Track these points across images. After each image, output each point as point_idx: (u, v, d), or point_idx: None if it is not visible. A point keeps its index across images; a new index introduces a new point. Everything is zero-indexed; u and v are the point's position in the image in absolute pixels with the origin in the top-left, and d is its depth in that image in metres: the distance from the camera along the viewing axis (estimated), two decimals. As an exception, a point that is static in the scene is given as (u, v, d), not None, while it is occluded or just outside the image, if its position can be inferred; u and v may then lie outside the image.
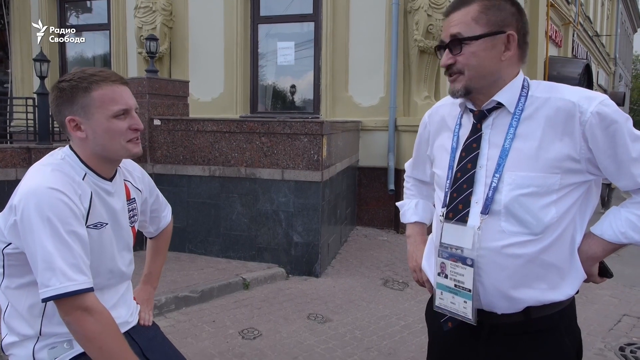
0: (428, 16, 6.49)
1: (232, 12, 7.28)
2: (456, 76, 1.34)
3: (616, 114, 1.25)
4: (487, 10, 1.30)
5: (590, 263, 1.35)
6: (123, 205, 1.52)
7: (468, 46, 1.29)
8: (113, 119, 1.37)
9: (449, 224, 1.37)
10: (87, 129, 1.37)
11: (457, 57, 1.32)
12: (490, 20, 1.30)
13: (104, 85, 1.37)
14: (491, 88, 1.34)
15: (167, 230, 1.86)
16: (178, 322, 3.77)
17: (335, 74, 7.00)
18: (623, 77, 28.27)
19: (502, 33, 1.30)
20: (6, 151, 4.49)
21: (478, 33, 1.29)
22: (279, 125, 4.91)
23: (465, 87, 1.33)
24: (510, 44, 1.31)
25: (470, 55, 1.30)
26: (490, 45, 1.30)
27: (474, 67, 1.31)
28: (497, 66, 1.32)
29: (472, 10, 1.30)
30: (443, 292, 1.39)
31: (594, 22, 18.72)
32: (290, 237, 4.94)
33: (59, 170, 1.34)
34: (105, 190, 1.45)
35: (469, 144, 1.37)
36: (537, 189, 1.27)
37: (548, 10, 11.30)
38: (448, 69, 1.34)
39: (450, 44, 1.32)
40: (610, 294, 4.62)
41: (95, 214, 1.39)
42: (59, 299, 1.25)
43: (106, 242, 1.43)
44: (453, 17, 1.33)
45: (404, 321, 3.91)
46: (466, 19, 1.30)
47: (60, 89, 1.38)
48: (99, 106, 1.36)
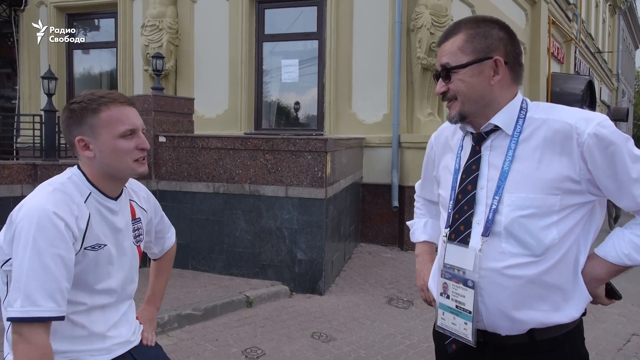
0: (431, 34, 6.55)
1: (237, 30, 7.37)
2: (452, 102, 1.38)
3: (614, 135, 1.25)
4: (472, 39, 1.34)
5: (595, 285, 1.34)
6: (127, 224, 1.54)
7: (456, 74, 1.34)
8: (119, 139, 1.41)
9: (452, 245, 1.38)
10: (94, 148, 1.41)
11: (448, 85, 1.37)
12: (476, 48, 1.33)
13: (112, 107, 1.41)
14: (486, 111, 1.36)
15: (171, 251, 1.87)
16: (181, 340, 3.74)
17: (339, 91, 7.05)
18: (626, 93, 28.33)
19: (489, 59, 1.32)
20: (12, 167, 4.52)
21: (464, 62, 1.33)
22: (283, 142, 4.93)
23: (459, 112, 1.37)
24: (498, 68, 1.33)
25: (459, 83, 1.34)
26: (477, 72, 1.33)
27: (464, 93, 1.35)
28: (487, 90, 1.34)
29: (458, 39, 1.35)
30: (445, 312, 1.40)
31: (595, 38, 18.84)
32: (294, 254, 4.93)
33: (60, 191, 1.37)
34: (109, 209, 1.47)
35: (468, 165, 1.39)
36: (536, 210, 1.27)
37: (550, 27, 11.39)
38: (443, 96, 1.40)
39: (441, 73, 1.38)
40: (619, 312, 4.56)
41: (92, 236, 1.40)
42: (18, 322, 1.25)
43: (103, 262, 1.44)
44: (443, 48, 1.38)
45: (409, 340, 3.86)
46: (453, 49, 1.35)
47: (70, 110, 1.42)
48: (106, 126, 1.40)
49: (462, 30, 1.35)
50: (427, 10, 6.56)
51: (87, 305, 1.42)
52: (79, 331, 1.41)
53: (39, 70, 8.48)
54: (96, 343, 1.45)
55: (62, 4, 8.52)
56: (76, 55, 8.89)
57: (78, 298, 1.40)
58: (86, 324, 1.42)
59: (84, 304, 1.42)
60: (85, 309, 1.42)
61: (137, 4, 8.14)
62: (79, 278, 1.38)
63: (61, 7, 8.57)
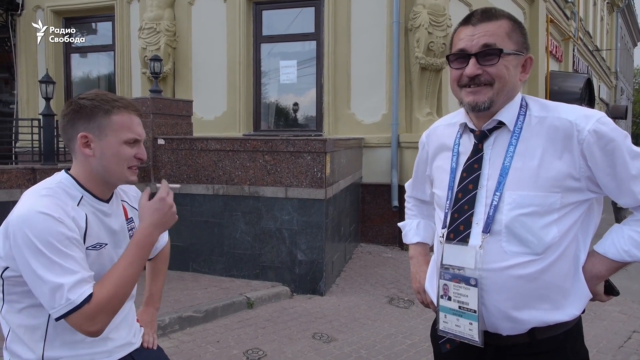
0: (429, 34, 6.55)
1: (235, 32, 7.37)
2: (481, 88, 1.30)
3: (614, 132, 1.25)
4: (515, 29, 1.32)
5: (595, 282, 1.33)
6: (122, 226, 1.54)
7: (503, 59, 1.28)
8: (124, 145, 1.43)
9: (450, 245, 1.36)
10: (96, 148, 1.41)
11: (486, 68, 1.28)
12: (518, 40, 1.32)
13: (124, 112, 1.43)
14: (503, 104, 1.33)
15: (165, 250, 1.86)
16: (182, 342, 3.74)
17: (338, 91, 7.05)
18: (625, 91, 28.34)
19: (523, 55, 1.32)
20: (11, 172, 4.52)
21: (512, 48, 1.29)
22: (282, 143, 4.93)
23: (491, 99, 1.29)
24: (526, 67, 1.33)
25: (503, 68, 1.28)
26: (516, 63, 1.31)
27: (505, 81, 1.29)
28: (516, 84, 1.33)
29: (505, 24, 1.30)
30: (447, 315, 1.36)
31: (593, 36, 18.85)
32: (294, 255, 4.92)
33: (50, 195, 1.36)
34: (102, 212, 1.47)
35: (470, 164, 1.37)
36: (537, 208, 1.26)
37: (548, 25, 11.40)
38: (473, 79, 1.30)
39: (482, 54, 1.28)
40: (619, 310, 4.56)
41: (92, 235, 1.41)
42: (68, 315, 1.26)
43: (105, 262, 1.44)
44: (483, 27, 1.29)
45: (410, 340, 3.86)
46: (500, 32, 1.29)
47: (80, 105, 1.42)
48: (115, 130, 1.41)
49: (504, 17, 1.31)
50: (425, 10, 6.56)
51: None
52: (80, 335, 1.40)
53: (37, 74, 8.47)
54: (97, 346, 1.44)
55: (59, 7, 8.53)
56: (74, 59, 8.90)
57: None
58: None
59: None
60: None
61: (134, 7, 8.14)
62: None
63: (58, 11, 8.57)
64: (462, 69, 1.31)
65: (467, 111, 1.38)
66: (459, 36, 1.34)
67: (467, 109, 1.37)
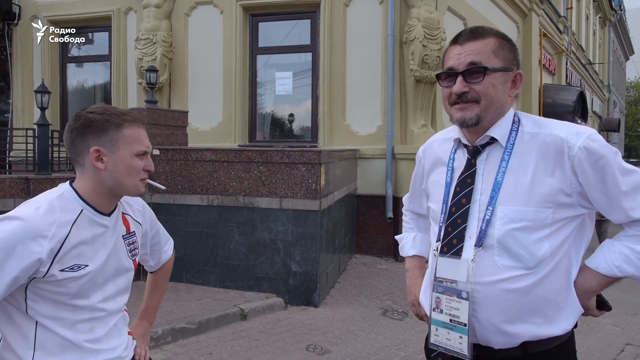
0: (423, 47, 6.62)
1: (231, 43, 7.42)
2: (469, 105, 1.33)
3: (604, 148, 1.27)
4: (503, 47, 1.34)
5: (587, 296, 1.34)
6: (119, 240, 1.53)
7: (489, 76, 1.31)
8: (135, 157, 1.45)
9: (444, 258, 1.37)
10: (108, 161, 1.42)
11: (473, 86, 1.31)
12: (506, 57, 1.34)
13: (134, 126, 1.46)
14: (493, 121, 1.36)
15: (168, 265, 1.86)
16: (175, 354, 3.71)
17: (333, 103, 7.09)
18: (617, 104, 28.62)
19: (512, 71, 1.34)
20: (5, 181, 4.50)
21: (498, 66, 1.32)
22: (277, 154, 4.94)
23: (478, 116, 1.32)
24: (516, 83, 1.35)
25: (489, 86, 1.31)
26: (504, 80, 1.33)
27: (491, 98, 1.32)
28: (505, 101, 1.35)
29: (492, 42, 1.33)
30: (438, 328, 1.37)
31: (586, 50, 19.08)
32: (289, 266, 4.91)
33: (42, 207, 1.36)
34: (102, 225, 1.47)
35: (463, 179, 1.39)
36: (529, 223, 1.27)
37: (541, 39, 11.54)
38: (460, 97, 1.33)
39: (468, 72, 1.31)
40: (612, 322, 4.57)
41: (69, 256, 1.38)
42: None
43: (85, 281, 1.42)
44: (470, 46, 1.33)
45: (403, 352, 3.85)
46: (486, 50, 1.32)
47: (90, 120, 1.42)
48: (127, 143, 1.43)
49: (491, 35, 1.34)
50: (420, 23, 6.64)
51: (70, 320, 1.41)
52: (69, 344, 1.40)
53: (33, 83, 8.48)
54: (88, 356, 1.44)
55: (56, 17, 8.55)
56: (70, 68, 8.91)
57: (59, 314, 1.39)
58: (72, 338, 1.41)
59: (67, 319, 1.41)
60: (71, 323, 1.41)
61: (131, 17, 8.18)
62: (57, 296, 1.38)
63: (55, 21, 8.59)
64: (451, 87, 1.35)
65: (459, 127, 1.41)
66: (449, 55, 1.38)
67: (457, 125, 1.40)
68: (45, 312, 1.38)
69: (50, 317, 1.38)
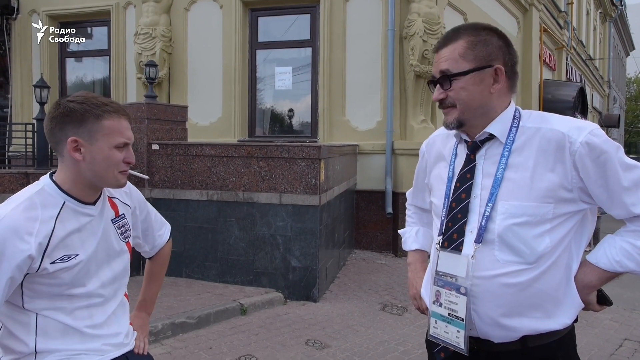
0: (423, 42, 6.60)
1: (231, 38, 7.40)
2: (449, 109, 1.37)
3: (606, 144, 1.26)
4: (473, 46, 1.32)
5: (587, 291, 1.35)
6: (107, 224, 1.52)
7: (457, 81, 1.32)
8: (114, 149, 1.41)
9: (445, 253, 1.38)
10: (86, 152, 1.39)
11: (447, 92, 1.35)
12: (477, 55, 1.32)
13: (114, 117, 1.41)
14: (483, 119, 1.36)
15: (165, 251, 1.82)
16: (174, 349, 3.72)
17: (333, 98, 7.08)
18: (617, 100, 28.60)
19: (490, 67, 1.32)
20: (4, 176, 4.50)
21: (466, 69, 1.32)
22: (276, 150, 4.94)
23: (457, 119, 1.36)
24: (498, 77, 1.33)
25: (460, 90, 1.33)
26: (478, 80, 1.32)
27: (464, 101, 1.33)
28: (487, 99, 1.34)
29: (459, 46, 1.33)
30: (437, 320, 1.39)
31: (586, 46, 19.04)
32: (288, 261, 4.92)
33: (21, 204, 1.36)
34: (87, 214, 1.46)
35: (463, 174, 1.40)
36: (530, 219, 1.28)
37: (541, 35, 11.51)
38: (441, 103, 1.38)
39: (440, 80, 1.35)
40: (611, 317, 4.58)
41: (58, 248, 1.38)
42: None
43: (78, 270, 1.42)
44: (442, 54, 1.36)
45: (403, 347, 3.86)
46: (454, 55, 1.33)
47: (69, 109, 1.39)
48: (105, 134, 1.40)
49: (462, 37, 1.34)
50: (420, 18, 6.62)
51: (69, 308, 1.42)
52: (70, 329, 1.42)
53: (32, 78, 8.46)
54: (88, 342, 1.45)
55: (54, 12, 8.52)
56: (69, 63, 8.88)
57: (57, 304, 1.40)
58: (72, 324, 1.42)
59: (65, 308, 1.42)
60: (69, 311, 1.42)
61: (130, 12, 8.15)
62: (52, 288, 1.38)
63: (54, 15, 8.57)
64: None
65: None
66: (433, 63, 1.42)
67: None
68: (42, 305, 1.39)
69: (49, 308, 1.39)
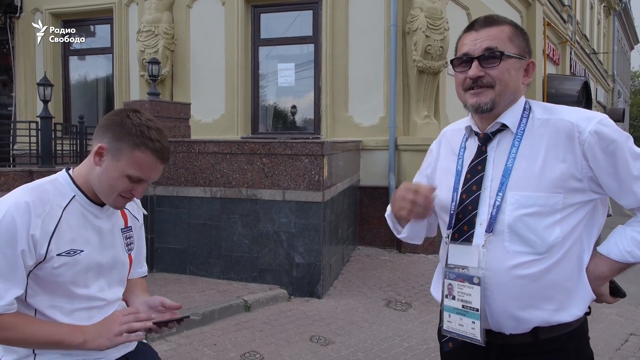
0: (426, 37, 6.57)
1: (233, 35, 7.38)
2: (483, 90, 1.33)
3: (615, 133, 1.26)
4: (517, 34, 1.35)
5: (599, 283, 1.35)
6: (113, 228, 1.54)
7: (505, 62, 1.31)
8: (124, 177, 1.41)
9: (455, 245, 1.38)
10: (104, 163, 1.42)
11: (488, 71, 1.32)
12: (520, 44, 1.34)
13: (150, 155, 1.41)
14: (506, 107, 1.36)
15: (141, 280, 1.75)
16: (179, 345, 3.73)
17: (335, 94, 7.06)
18: (622, 94, 28.44)
19: (525, 59, 1.35)
20: (9, 174, 4.52)
21: (513, 52, 1.32)
22: (279, 146, 4.93)
23: (493, 101, 1.33)
24: (529, 71, 1.36)
25: (505, 71, 1.32)
26: (518, 67, 1.34)
27: (506, 83, 1.32)
28: (519, 88, 1.36)
29: (507, 30, 1.34)
30: (451, 314, 1.38)
31: (590, 40, 18.92)
32: (292, 258, 4.92)
33: (33, 190, 1.37)
34: (93, 214, 1.48)
35: (474, 166, 1.39)
36: (540, 209, 1.28)
37: (545, 29, 11.44)
38: (475, 81, 1.33)
39: (484, 57, 1.32)
40: (616, 312, 4.57)
41: (63, 241, 1.39)
42: None
43: (81, 268, 1.43)
44: (486, 32, 1.33)
45: (407, 343, 3.86)
46: (502, 36, 1.33)
47: (122, 123, 1.40)
48: (129, 161, 1.40)
49: (506, 23, 1.35)
50: (422, 13, 6.59)
51: (68, 308, 1.43)
52: None
53: (35, 77, 8.48)
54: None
55: (57, 10, 8.53)
56: (72, 61, 8.90)
57: (57, 302, 1.41)
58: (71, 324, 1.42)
59: (64, 307, 1.42)
60: (69, 311, 1.43)
61: (132, 10, 8.15)
62: (55, 284, 1.39)
63: (57, 14, 8.58)
64: (466, 72, 1.35)
65: (472, 113, 1.42)
66: (463, 42, 1.38)
67: (470, 111, 1.40)
68: (43, 302, 1.40)
69: (49, 306, 1.40)
